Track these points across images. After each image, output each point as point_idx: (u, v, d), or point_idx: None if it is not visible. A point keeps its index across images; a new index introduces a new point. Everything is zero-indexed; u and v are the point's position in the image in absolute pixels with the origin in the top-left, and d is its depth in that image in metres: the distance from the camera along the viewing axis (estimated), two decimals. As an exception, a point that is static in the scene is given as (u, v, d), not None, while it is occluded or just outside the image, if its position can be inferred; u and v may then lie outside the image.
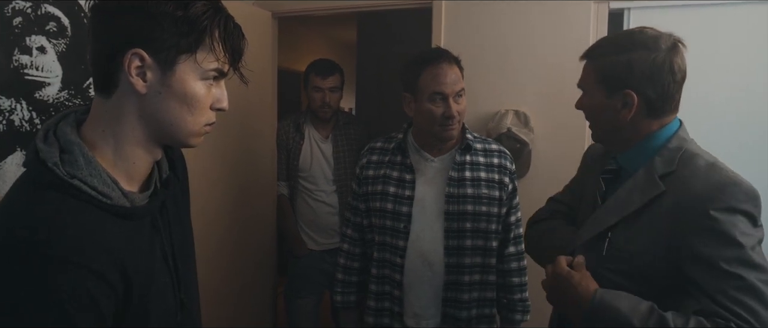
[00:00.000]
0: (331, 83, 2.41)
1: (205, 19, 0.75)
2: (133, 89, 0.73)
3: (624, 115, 1.06)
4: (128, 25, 0.72)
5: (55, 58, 1.48)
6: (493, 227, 1.55)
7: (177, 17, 0.73)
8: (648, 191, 1.02)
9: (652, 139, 1.08)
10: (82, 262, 0.65)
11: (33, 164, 0.70)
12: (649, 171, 1.05)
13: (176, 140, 0.80)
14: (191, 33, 0.74)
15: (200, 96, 0.77)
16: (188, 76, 0.75)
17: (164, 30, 0.72)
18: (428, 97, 1.49)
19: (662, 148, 1.06)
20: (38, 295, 0.62)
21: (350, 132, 2.53)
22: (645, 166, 1.06)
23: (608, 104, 1.07)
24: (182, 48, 0.74)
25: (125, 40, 0.72)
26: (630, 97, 1.05)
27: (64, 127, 0.74)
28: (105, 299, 0.68)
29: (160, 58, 0.73)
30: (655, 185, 1.02)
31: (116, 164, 0.76)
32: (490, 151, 1.61)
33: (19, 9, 1.37)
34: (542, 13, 2.12)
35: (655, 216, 1.00)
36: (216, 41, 0.76)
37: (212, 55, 0.77)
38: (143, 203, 0.79)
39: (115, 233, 0.71)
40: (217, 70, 0.78)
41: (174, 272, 0.84)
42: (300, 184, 2.47)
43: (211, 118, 0.81)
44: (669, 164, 1.03)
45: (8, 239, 0.64)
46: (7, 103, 1.36)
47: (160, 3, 0.72)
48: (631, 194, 1.05)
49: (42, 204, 0.67)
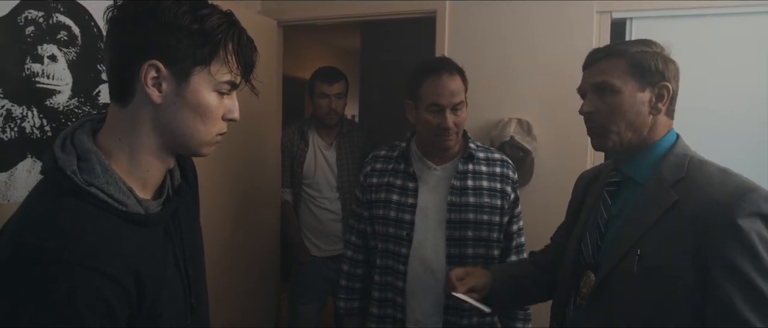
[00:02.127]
0: (337, 90, 2.44)
1: (219, 32, 0.77)
2: (148, 99, 0.76)
3: (658, 109, 1.05)
4: (145, 37, 0.74)
5: (66, 67, 1.51)
6: (495, 235, 1.56)
7: (193, 30, 0.75)
8: (662, 201, 1.00)
9: (657, 148, 1.07)
10: (98, 267, 0.67)
11: (52, 171, 0.72)
12: (658, 180, 1.03)
13: (189, 149, 0.82)
14: (206, 45, 0.76)
15: (213, 107, 0.79)
16: (202, 87, 0.78)
17: (180, 42, 0.75)
18: (426, 107, 1.52)
19: (667, 155, 1.05)
20: (55, 298, 0.64)
21: (354, 139, 2.55)
22: (654, 175, 1.04)
23: (640, 98, 1.05)
24: (197, 60, 0.76)
25: (142, 51, 0.74)
26: (666, 90, 1.04)
27: (81, 136, 0.76)
28: (119, 302, 0.70)
29: (176, 69, 0.76)
30: (668, 195, 0.99)
31: (131, 172, 0.79)
32: (493, 160, 1.62)
33: (32, 18, 1.40)
34: (545, 22, 2.14)
35: (675, 226, 0.97)
36: (230, 54, 0.78)
37: (225, 68, 0.79)
38: (157, 211, 0.81)
39: (130, 239, 0.73)
40: (229, 82, 0.80)
41: (185, 278, 0.86)
42: (304, 191, 2.49)
43: (222, 129, 0.83)
44: (678, 170, 1.01)
45: (29, 244, 0.66)
46: (18, 111, 1.38)
47: (177, 16, 0.74)
48: (646, 206, 1.02)
49: (61, 211, 0.69)
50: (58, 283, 0.64)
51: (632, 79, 1.05)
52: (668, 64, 1.06)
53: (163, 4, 0.74)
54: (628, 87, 1.05)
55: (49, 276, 0.64)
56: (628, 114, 1.06)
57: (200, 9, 0.77)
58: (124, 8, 0.76)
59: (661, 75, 1.05)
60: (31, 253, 0.65)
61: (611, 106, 1.07)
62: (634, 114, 1.06)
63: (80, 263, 0.66)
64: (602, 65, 1.09)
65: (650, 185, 1.04)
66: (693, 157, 1.04)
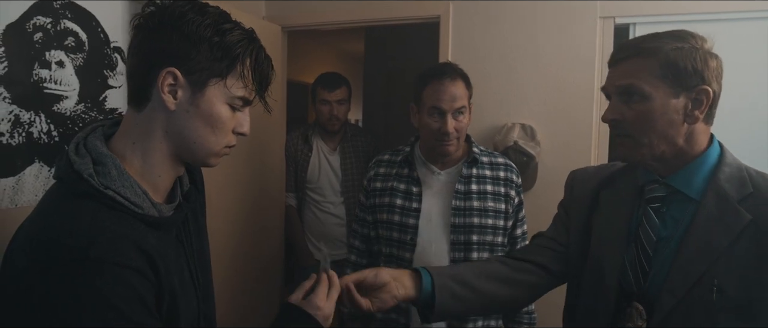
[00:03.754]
0: (339, 96, 2.45)
1: (239, 47, 0.79)
2: (163, 105, 0.77)
3: (694, 117, 0.90)
4: (167, 45, 0.76)
5: (73, 72, 1.52)
6: (499, 239, 1.57)
7: (213, 42, 0.77)
8: (734, 223, 0.87)
9: (707, 158, 0.94)
10: (122, 261, 0.69)
11: (68, 175, 0.74)
12: (719, 196, 0.90)
13: (197, 158, 0.84)
14: (224, 59, 0.78)
15: (225, 119, 0.81)
16: (216, 98, 0.80)
17: (200, 53, 0.77)
18: (428, 112, 1.53)
19: (720, 166, 0.92)
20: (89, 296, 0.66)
21: (358, 144, 2.56)
22: (709, 191, 0.91)
23: (674, 106, 0.90)
24: (214, 72, 0.78)
25: (162, 58, 0.76)
26: (705, 94, 0.89)
27: (94, 141, 0.78)
28: (149, 294, 0.72)
29: (193, 79, 0.77)
30: (739, 215, 0.87)
31: (143, 176, 0.80)
32: (497, 164, 1.63)
33: (40, 25, 1.42)
34: (549, 27, 2.15)
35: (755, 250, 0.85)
36: (247, 69, 0.80)
37: (241, 82, 0.81)
38: (169, 214, 0.83)
39: (148, 238, 0.75)
40: (243, 98, 0.82)
41: (196, 282, 0.87)
42: (308, 195, 2.50)
43: (231, 141, 0.85)
44: (741, 184, 0.90)
45: (52, 247, 0.67)
46: (26, 116, 1.40)
47: (200, 27, 0.76)
48: (711, 227, 0.89)
49: (81, 212, 0.70)
50: (89, 281, 0.66)
51: (665, 84, 0.90)
52: (709, 62, 0.90)
53: (187, 16, 0.76)
54: (659, 93, 0.90)
55: (79, 275, 0.66)
56: (658, 124, 0.91)
57: (223, 23, 0.79)
58: (150, 16, 0.78)
59: (699, 77, 0.89)
60: (57, 255, 0.66)
61: (639, 114, 0.92)
62: (666, 124, 0.91)
63: (106, 260, 0.67)
64: (630, 65, 0.93)
65: (708, 201, 0.90)
66: (748, 167, 0.93)
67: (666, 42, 0.91)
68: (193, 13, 0.77)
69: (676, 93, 0.90)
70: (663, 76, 0.90)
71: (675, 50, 0.90)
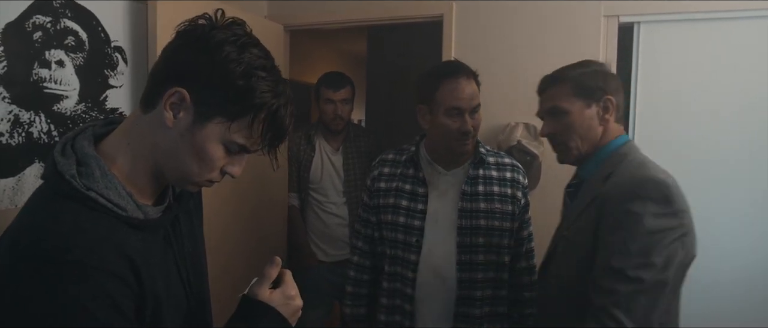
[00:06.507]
0: (343, 95, 2.43)
1: (259, 98, 0.74)
2: (162, 119, 0.75)
3: (606, 120, 1.21)
4: (191, 65, 0.73)
5: (73, 72, 1.51)
6: (506, 241, 1.55)
7: (236, 85, 0.72)
8: (592, 193, 1.16)
9: (604, 150, 1.22)
10: (100, 265, 0.67)
11: (51, 176, 0.73)
12: (597, 177, 1.17)
13: (173, 180, 0.81)
14: (238, 103, 0.74)
15: (215, 158, 0.77)
16: (214, 136, 0.75)
17: (216, 90, 0.73)
18: (445, 112, 1.49)
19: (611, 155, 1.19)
20: (63, 299, 0.64)
21: (361, 144, 2.54)
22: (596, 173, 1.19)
23: (588, 114, 1.21)
24: (223, 112, 0.74)
25: (180, 74, 0.74)
26: (610, 102, 1.20)
27: (82, 141, 0.76)
28: (126, 299, 0.70)
29: (199, 109, 0.74)
30: (598, 188, 1.14)
31: (130, 178, 0.78)
32: (503, 165, 1.61)
33: (40, 24, 1.41)
34: (552, 26, 2.13)
35: (595, 214, 1.14)
36: (258, 122, 0.76)
37: (247, 132, 0.76)
38: (156, 216, 0.81)
39: (130, 241, 0.73)
40: (242, 146, 0.78)
41: (186, 284, 0.85)
42: (310, 195, 2.49)
43: (216, 179, 0.81)
44: (611, 167, 1.16)
45: (30, 247, 0.66)
46: (26, 116, 1.39)
47: (231, 63, 0.72)
48: (580, 198, 1.21)
49: (61, 214, 0.69)
50: (64, 283, 0.65)
51: (578, 100, 1.21)
52: (608, 80, 1.22)
53: (225, 48, 0.72)
54: (575, 107, 1.21)
55: (54, 278, 0.64)
56: (579, 130, 1.22)
57: (257, 69, 0.74)
58: (193, 29, 0.75)
59: (602, 90, 1.20)
60: (34, 256, 0.65)
61: (565, 126, 1.23)
62: (585, 129, 1.22)
63: (83, 263, 0.66)
64: (551, 92, 1.26)
65: (591, 181, 1.20)
66: (633, 156, 1.17)
67: (574, 69, 1.24)
68: (231, 46, 0.73)
69: (588, 104, 1.21)
70: (576, 94, 1.21)
71: (582, 74, 1.22)
